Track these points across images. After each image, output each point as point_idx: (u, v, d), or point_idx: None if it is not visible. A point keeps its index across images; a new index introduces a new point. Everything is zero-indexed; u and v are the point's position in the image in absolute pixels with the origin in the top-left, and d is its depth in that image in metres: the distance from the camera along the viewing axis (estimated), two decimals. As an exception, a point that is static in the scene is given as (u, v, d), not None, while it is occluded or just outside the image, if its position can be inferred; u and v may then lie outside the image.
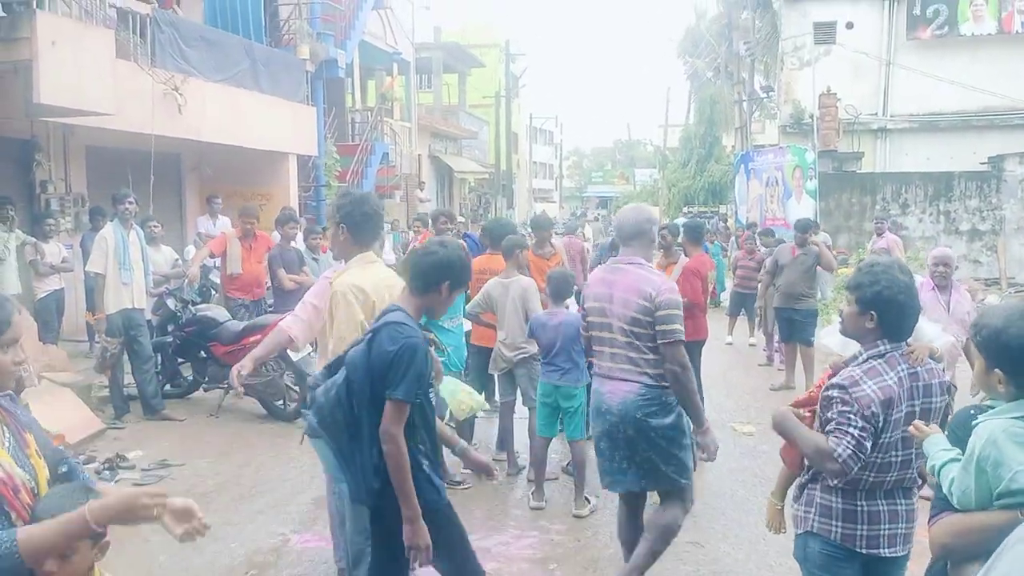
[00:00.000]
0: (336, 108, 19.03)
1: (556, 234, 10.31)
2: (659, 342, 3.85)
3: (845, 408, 2.70)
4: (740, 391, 9.50)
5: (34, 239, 9.12)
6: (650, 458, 3.98)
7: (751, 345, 12.16)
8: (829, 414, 2.76)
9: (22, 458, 2.11)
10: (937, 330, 4.30)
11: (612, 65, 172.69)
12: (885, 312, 2.76)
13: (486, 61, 35.85)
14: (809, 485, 2.95)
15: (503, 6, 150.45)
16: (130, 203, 7.72)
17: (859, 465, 2.72)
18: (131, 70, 10.10)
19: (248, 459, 6.81)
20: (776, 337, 10.41)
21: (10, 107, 9.24)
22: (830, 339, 4.09)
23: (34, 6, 8.13)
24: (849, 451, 2.68)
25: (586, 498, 5.64)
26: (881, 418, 2.69)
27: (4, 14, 8.23)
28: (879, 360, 2.76)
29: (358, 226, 3.78)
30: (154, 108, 10.34)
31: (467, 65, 34.41)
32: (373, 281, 3.73)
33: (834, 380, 2.79)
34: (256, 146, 13.40)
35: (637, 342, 3.90)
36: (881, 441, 2.73)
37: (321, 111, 16.33)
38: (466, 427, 6.56)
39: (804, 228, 9.57)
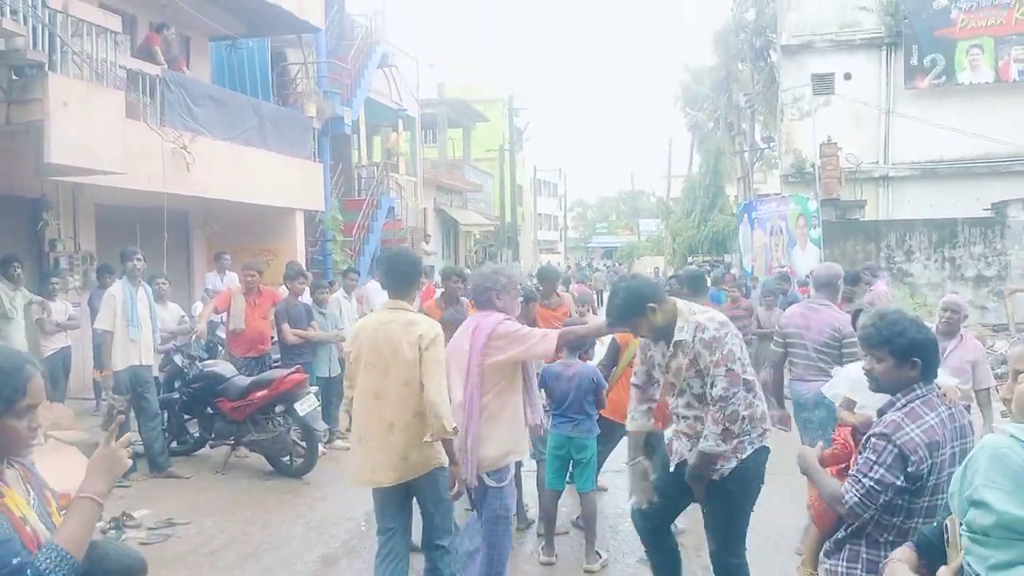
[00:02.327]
0: (342, 164, 19.24)
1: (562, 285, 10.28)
2: (844, 361, 5.25)
3: (871, 457, 2.71)
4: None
5: (40, 298, 9.15)
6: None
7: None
8: (860, 458, 2.77)
9: (45, 516, 2.16)
10: (944, 374, 4.29)
11: (614, 117, 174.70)
12: (928, 355, 2.80)
13: (490, 115, 36.32)
14: (851, 541, 2.89)
15: (506, 61, 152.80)
16: (138, 260, 7.78)
17: (867, 513, 2.73)
18: (140, 129, 10.25)
19: (255, 516, 6.75)
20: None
21: (21, 166, 9.38)
22: (837, 388, 4.08)
23: (46, 68, 8.30)
24: (856, 499, 2.72)
25: (597, 552, 5.56)
26: (928, 461, 2.68)
27: (17, 77, 8.40)
28: (918, 402, 2.76)
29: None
30: (163, 166, 10.47)
31: (471, 120, 34.84)
32: None
33: (877, 428, 2.78)
34: (263, 202, 13.53)
35: (826, 358, 5.50)
36: (928, 484, 2.71)
37: (327, 167, 16.51)
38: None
39: (854, 280, 8.01)
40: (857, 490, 2.72)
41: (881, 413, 2.85)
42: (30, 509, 2.10)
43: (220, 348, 9.82)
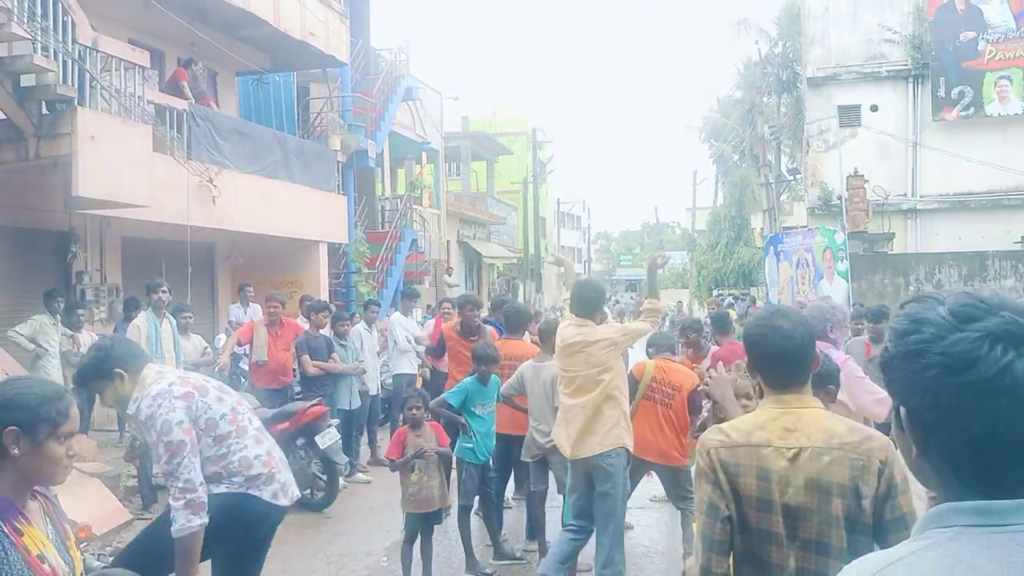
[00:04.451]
0: (366, 196, 19.36)
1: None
2: None
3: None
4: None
5: (71, 332, 9.20)
6: None
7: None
8: None
9: (62, 549, 2.16)
10: None
11: (638, 149, 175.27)
12: None
13: (513, 148, 36.49)
14: None
15: (530, 95, 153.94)
16: (163, 292, 7.82)
17: None
18: (167, 163, 10.36)
19: (274, 551, 6.60)
20: None
21: (50, 200, 9.49)
22: None
23: (76, 103, 8.42)
24: None
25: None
26: None
27: (47, 112, 8.53)
28: None
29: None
30: (189, 199, 10.56)
31: (495, 153, 35.02)
32: None
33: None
34: (288, 235, 13.61)
35: None
36: None
37: (351, 199, 16.61)
38: (495, 516, 6.42)
39: (878, 317, 7.80)
40: None
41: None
42: (50, 544, 2.10)
43: (243, 380, 9.81)
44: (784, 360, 2.38)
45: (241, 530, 3.73)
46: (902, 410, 1.17)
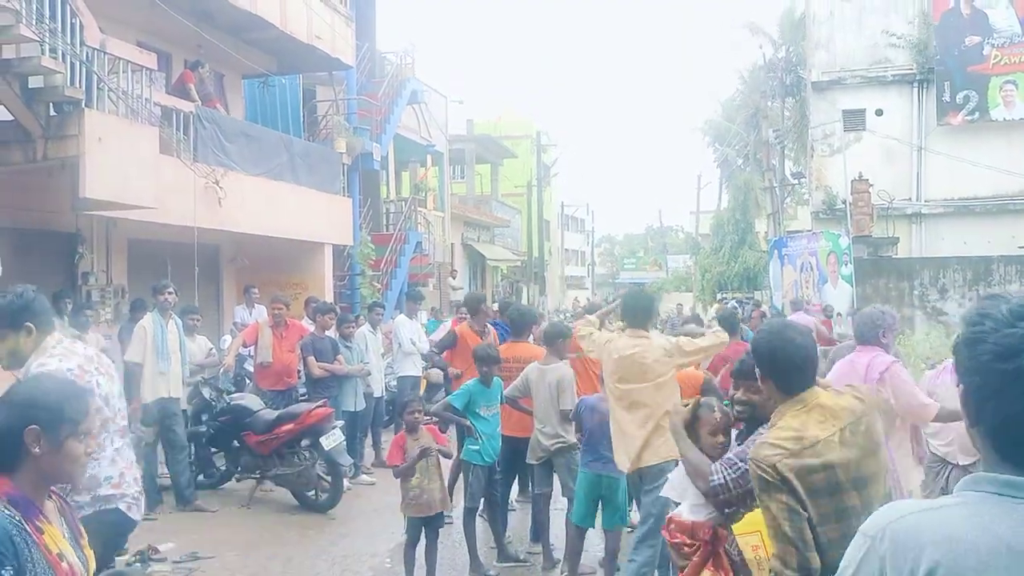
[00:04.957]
0: (371, 199, 19.40)
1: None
2: None
3: None
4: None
5: (78, 332, 9.22)
6: None
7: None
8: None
9: (76, 548, 2.19)
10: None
11: (642, 152, 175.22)
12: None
13: (518, 151, 36.51)
14: None
15: (534, 98, 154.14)
16: (169, 293, 7.84)
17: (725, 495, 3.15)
18: (174, 165, 10.40)
19: (277, 552, 6.70)
20: None
21: (57, 201, 9.53)
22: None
23: (83, 105, 8.45)
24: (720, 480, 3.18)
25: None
26: None
27: (55, 114, 8.57)
28: None
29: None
30: (195, 201, 10.60)
31: (499, 156, 35.06)
32: None
33: None
34: (293, 236, 13.64)
35: None
36: None
37: (356, 202, 16.65)
38: (500, 518, 6.43)
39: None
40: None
41: None
42: (66, 543, 2.13)
43: (248, 381, 9.83)
44: (802, 367, 2.74)
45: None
46: (961, 386, 1.38)
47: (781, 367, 2.73)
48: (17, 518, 2.02)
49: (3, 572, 1.92)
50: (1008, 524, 1.26)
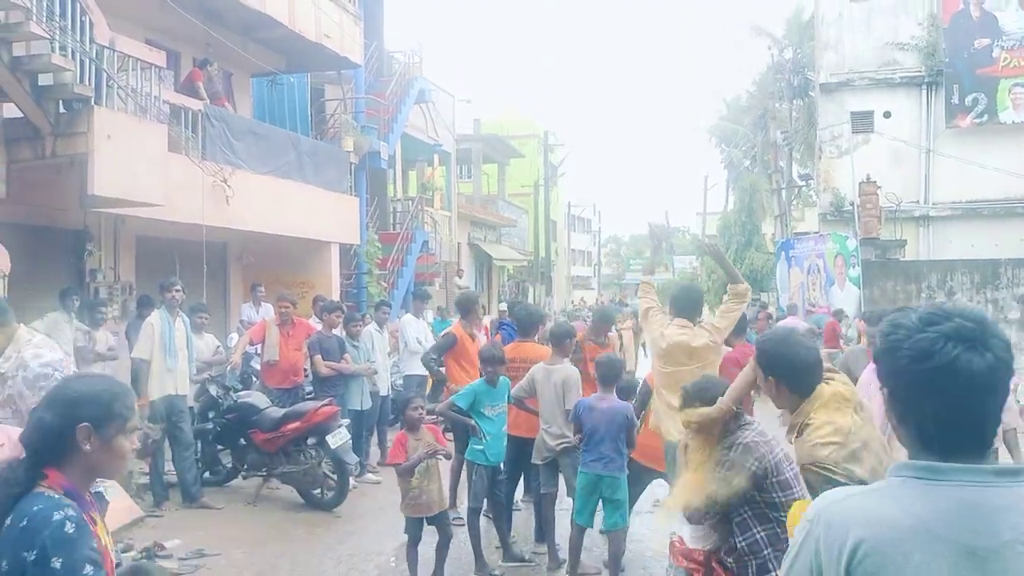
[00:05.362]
0: (378, 197, 19.42)
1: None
2: None
3: None
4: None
5: (87, 327, 9.25)
6: None
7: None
8: None
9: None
10: None
11: (649, 153, 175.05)
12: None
13: (525, 151, 36.51)
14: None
15: (542, 98, 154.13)
16: (177, 291, 7.86)
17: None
18: (182, 163, 10.42)
19: (284, 549, 6.71)
20: None
21: (66, 198, 9.56)
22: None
23: (92, 102, 8.48)
24: None
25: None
26: None
27: (64, 111, 8.60)
28: None
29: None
30: (203, 199, 10.62)
31: (506, 156, 35.06)
32: None
33: None
34: (300, 235, 13.66)
35: None
36: None
37: (363, 201, 16.66)
38: (504, 518, 6.43)
39: (876, 322, 7.43)
40: None
41: None
42: (109, 537, 2.20)
43: (254, 379, 9.85)
44: (813, 368, 3.05)
45: None
46: (885, 390, 1.55)
47: (799, 372, 3.03)
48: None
49: (88, 567, 2.00)
50: (924, 503, 1.42)
